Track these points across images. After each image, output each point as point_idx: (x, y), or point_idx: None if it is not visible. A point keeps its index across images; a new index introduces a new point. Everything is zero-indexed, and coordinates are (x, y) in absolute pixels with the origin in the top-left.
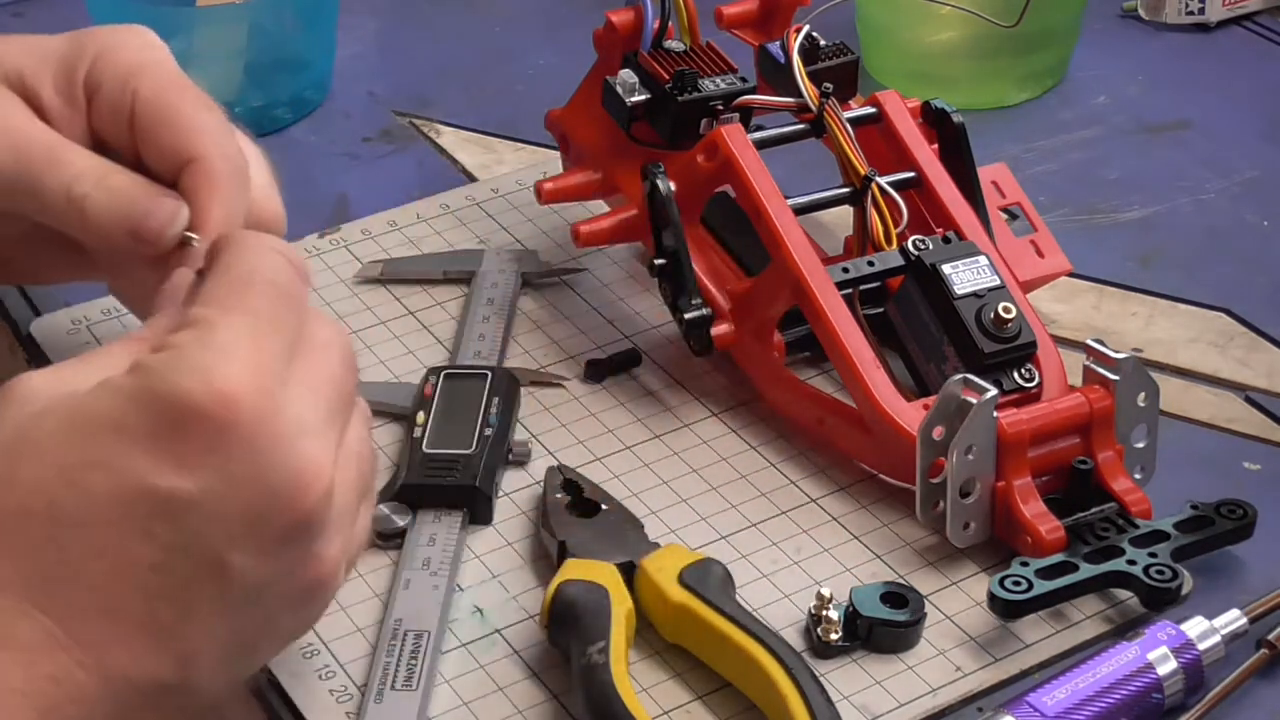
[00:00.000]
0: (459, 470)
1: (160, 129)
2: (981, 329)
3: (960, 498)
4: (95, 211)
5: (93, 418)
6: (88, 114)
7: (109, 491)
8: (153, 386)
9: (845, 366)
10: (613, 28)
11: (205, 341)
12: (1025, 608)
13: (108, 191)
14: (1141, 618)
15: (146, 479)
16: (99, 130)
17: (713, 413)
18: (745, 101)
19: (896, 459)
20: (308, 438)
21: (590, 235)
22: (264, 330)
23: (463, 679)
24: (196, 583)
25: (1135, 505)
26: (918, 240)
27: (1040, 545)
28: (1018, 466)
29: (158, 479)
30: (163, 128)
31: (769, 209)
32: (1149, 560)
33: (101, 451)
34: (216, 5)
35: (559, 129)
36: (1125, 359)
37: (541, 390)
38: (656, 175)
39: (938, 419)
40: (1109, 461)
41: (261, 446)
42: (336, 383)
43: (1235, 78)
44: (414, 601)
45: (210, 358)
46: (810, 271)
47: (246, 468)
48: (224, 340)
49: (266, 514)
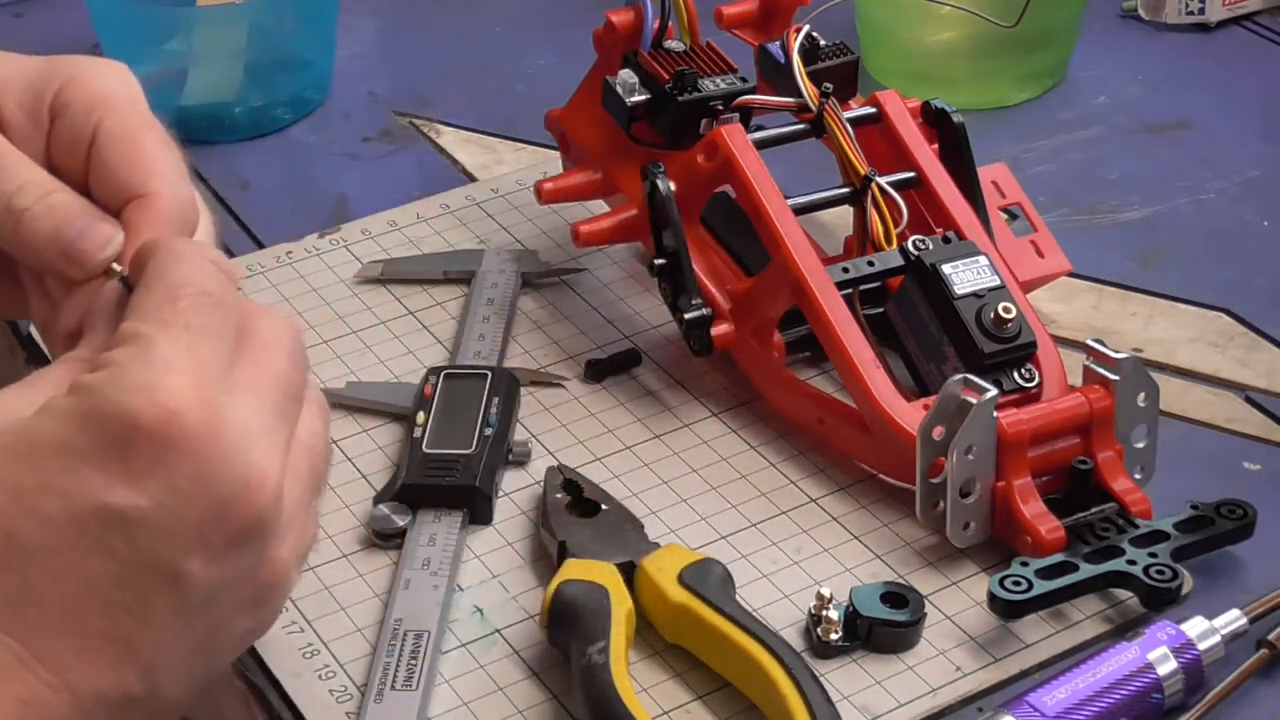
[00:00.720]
0: (459, 470)
1: (117, 160)
2: (981, 329)
3: (960, 498)
4: (31, 225)
5: (40, 443)
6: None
7: (65, 514)
8: (97, 407)
9: (845, 366)
10: (613, 28)
11: (144, 358)
12: (1025, 608)
13: (48, 207)
14: (1141, 618)
15: (100, 497)
16: (54, 154)
17: (713, 413)
18: (745, 101)
19: (896, 459)
20: (253, 442)
21: (590, 235)
22: (200, 340)
23: (463, 679)
24: (155, 594)
25: (1135, 505)
26: (918, 240)
27: (1040, 545)
28: (1018, 466)
29: (110, 496)
30: (120, 160)
31: (769, 209)
32: (1149, 560)
33: (53, 475)
34: (216, 5)
35: (559, 129)
36: (1125, 359)
37: (541, 390)
38: (656, 175)
39: (938, 419)
40: (1109, 461)
41: (208, 457)
42: (282, 381)
43: (1235, 78)
44: (414, 601)
45: (151, 374)
46: (810, 271)
47: (194, 479)
48: (162, 354)
49: (217, 522)
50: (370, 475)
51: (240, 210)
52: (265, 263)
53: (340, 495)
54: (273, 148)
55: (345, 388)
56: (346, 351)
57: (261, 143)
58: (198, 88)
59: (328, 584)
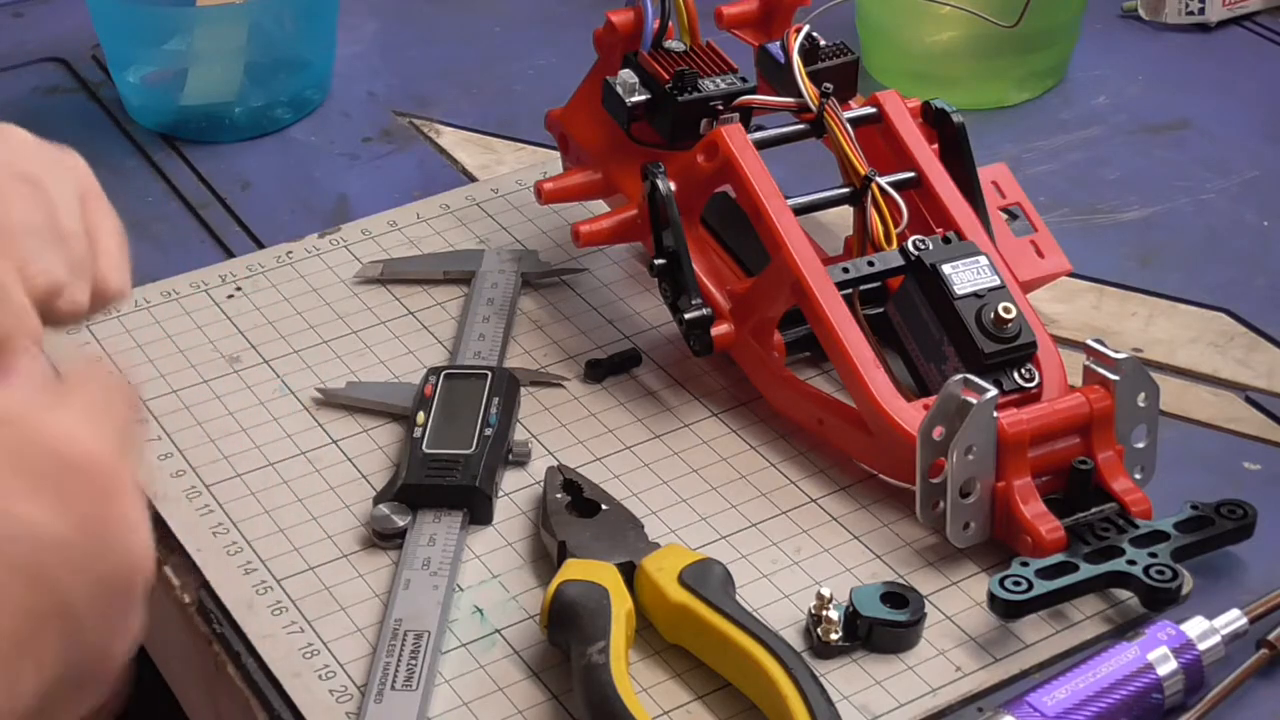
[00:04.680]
0: (459, 470)
1: None
2: (982, 329)
3: (960, 498)
4: None
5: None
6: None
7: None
8: None
9: (845, 366)
10: (613, 28)
11: None
12: (1025, 608)
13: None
14: (1141, 618)
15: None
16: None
17: (713, 413)
18: (745, 101)
19: (896, 459)
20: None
21: (591, 235)
22: None
23: (463, 679)
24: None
25: (1135, 505)
26: (918, 240)
27: (1040, 545)
28: (1018, 467)
29: None
30: None
31: (769, 209)
32: (1149, 560)
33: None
34: (216, 5)
35: (559, 129)
36: (1125, 359)
37: (541, 390)
38: (657, 175)
39: (938, 419)
40: (1109, 462)
41: None
42: None
43: (1235, 78)
44: (414, 601)
45: None
46: (810, 271)
47: None
48: None
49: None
50: (370, 475)
51: (240, 210)
52: (265, 263)
53: (340, 495)
54: (273, 148)
55: (345, 388)
56: (346, 351)
57: (261, 143)
58: (198, 88)
59: (328, 584)
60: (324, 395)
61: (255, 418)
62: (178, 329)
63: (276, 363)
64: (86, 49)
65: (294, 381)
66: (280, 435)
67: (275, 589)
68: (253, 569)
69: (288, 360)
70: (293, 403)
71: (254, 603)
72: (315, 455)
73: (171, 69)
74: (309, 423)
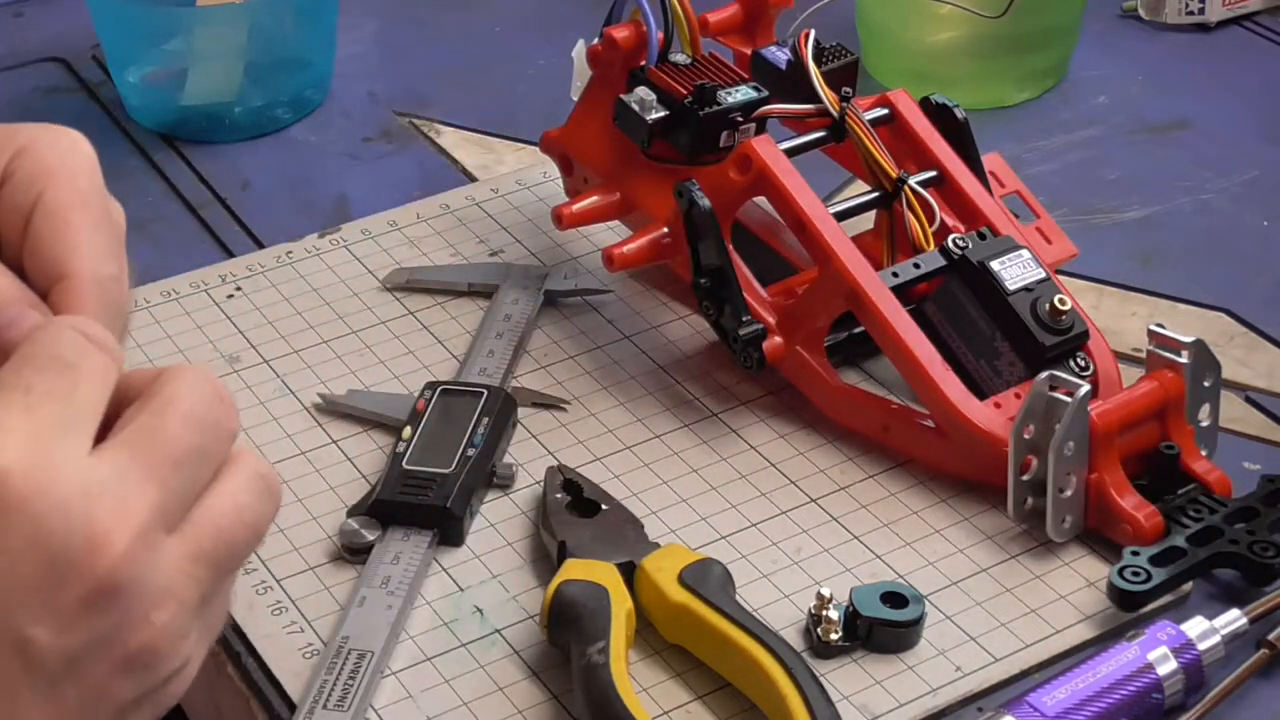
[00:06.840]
0: (434, 489)
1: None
2: (1039, 322)
3: (1058, 493)
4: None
5: None
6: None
7: None
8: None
9: (914, 372)
10: (614, 44)
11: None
12: (1147, 598)
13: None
14: (1141, 618)
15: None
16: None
17: (713, 413)
18: (765, 112)
19: (975, 459)
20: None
21: (625, 259)
22: (40, 402)
23: (463, 679)
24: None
25: (1218, 485)
26: (956, 239)
27: (1140, 534)
28: (1109, 457)
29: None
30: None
31: (813, 219)
32: (1249, 538)
33: None
34: (216, 5)
35: (559, 150)
36: (1193, 341)
37: (543, 410)
38: (693, 192)
39: (1029, 418)
40: (1185, 443)
41: (38, 515)
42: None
43: (1235, 78)
44: (365, 620)
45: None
46: (866, 280)
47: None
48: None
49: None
50: (371, 476)
51: (240, 210)
52: (265, 263)
53: (341, 495)
54: (273, 148)
55: (346, 395)
56: (346, 351)
57: (261, 143)
58: (198, 88)
59: (328, 584)
60: (325, 402)
61: (255, 418)
62: (177, 329)
63: (276, 363)
64: (86, 49)
65: (294, 382)
66: (280, 435)
67: (275, 589)
68: (253, 569)
69: (288, 360)
70: (293, 403)
71: (254, 603)
72: (315, 455)
73: (171, 69)
74: (309, 423)
